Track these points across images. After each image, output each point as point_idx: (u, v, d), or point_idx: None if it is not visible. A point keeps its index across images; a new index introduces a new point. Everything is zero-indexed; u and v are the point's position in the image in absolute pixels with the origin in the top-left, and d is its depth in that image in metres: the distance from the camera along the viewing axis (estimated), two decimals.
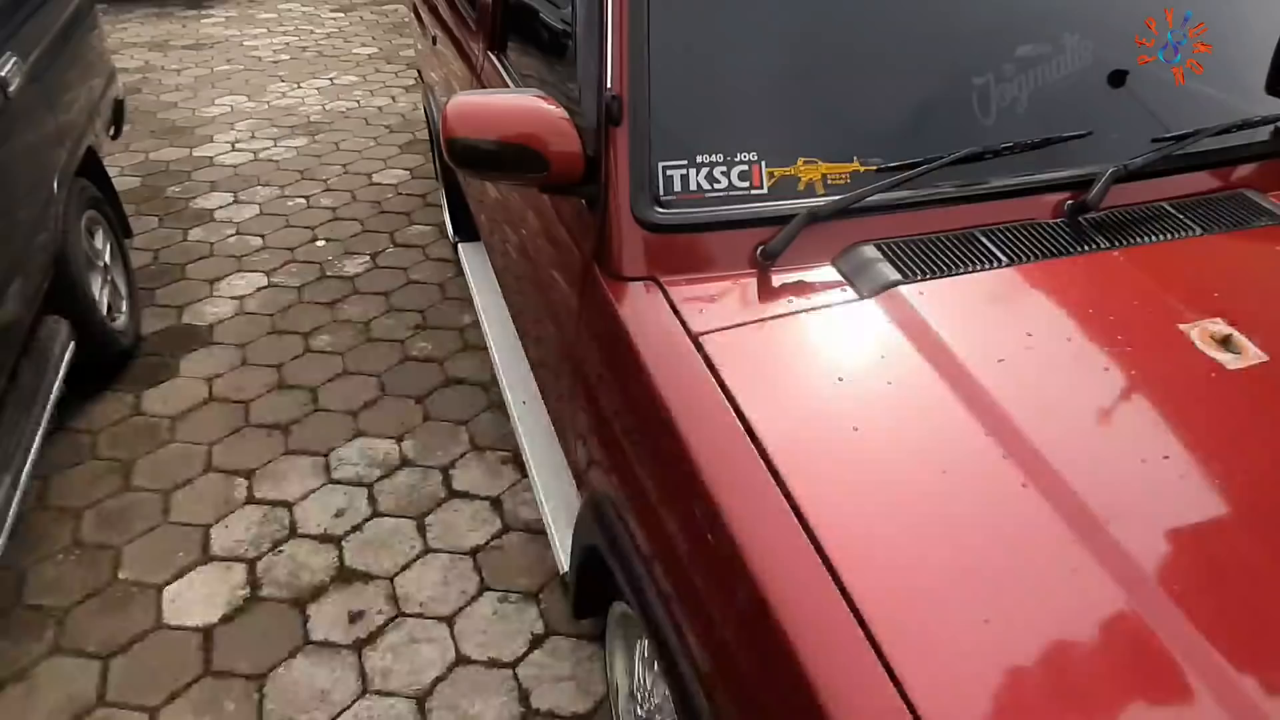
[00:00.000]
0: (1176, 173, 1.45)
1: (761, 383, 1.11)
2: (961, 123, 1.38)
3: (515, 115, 1.30)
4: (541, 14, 1.78)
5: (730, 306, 1.22)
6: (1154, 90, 1.51)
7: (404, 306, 3.15)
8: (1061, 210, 1.37)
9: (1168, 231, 1.36)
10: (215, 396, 2.67)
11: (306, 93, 5.26)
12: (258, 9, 7.05)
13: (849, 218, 1.29)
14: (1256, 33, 1.63)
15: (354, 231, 3.67)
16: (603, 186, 1.28)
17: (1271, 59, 1.62)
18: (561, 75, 1.56)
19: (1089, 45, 1.44)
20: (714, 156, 1.27)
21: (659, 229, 1.26)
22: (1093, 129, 1.41)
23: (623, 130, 1.26)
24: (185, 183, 4.08)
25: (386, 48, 6.16)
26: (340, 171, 4.23)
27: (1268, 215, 1.42)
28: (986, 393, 1.07)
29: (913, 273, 1.24)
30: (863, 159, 1.32)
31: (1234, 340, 1.15)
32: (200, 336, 2.96)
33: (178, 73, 5.56)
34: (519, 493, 2.33)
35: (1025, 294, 1.25)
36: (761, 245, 1.27)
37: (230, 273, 3.34)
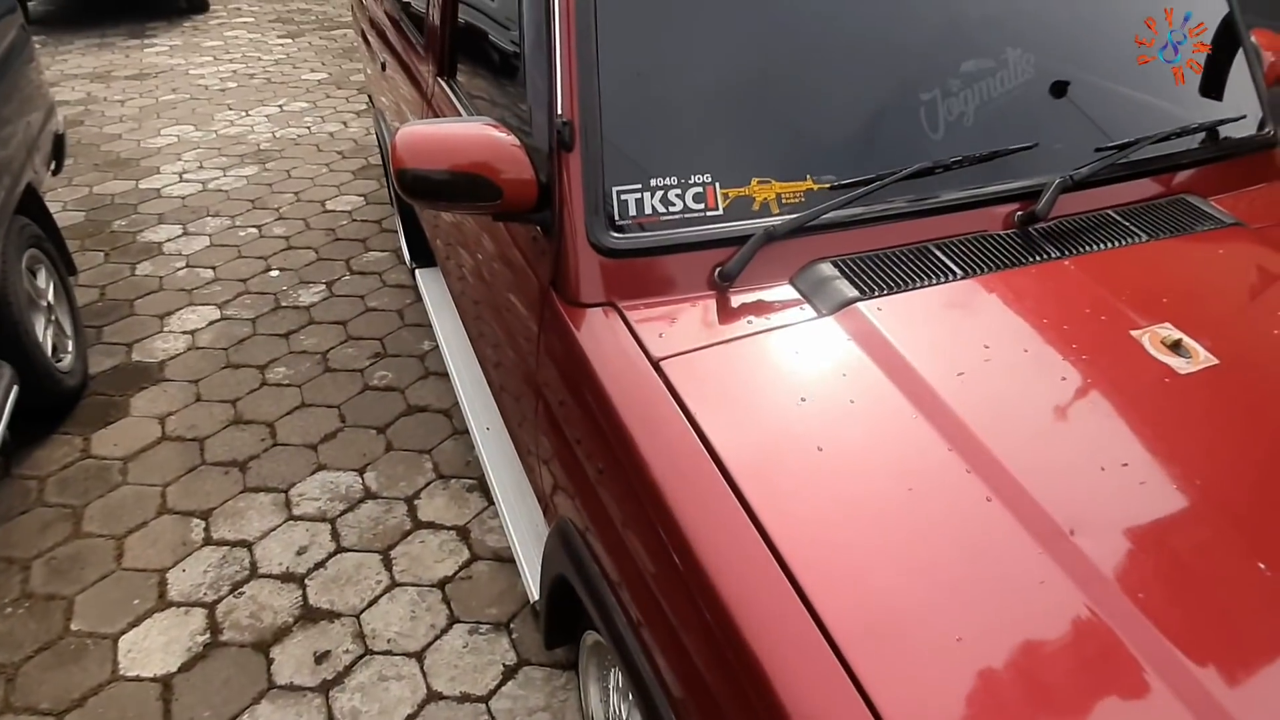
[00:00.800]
0: (1121, 180, 1.48)
1: (724, 406, 1.10)
2: (911, 138, 1.39)
3: (466, 144, 1.28)
4: (491, 39, 1.77)
5: (690, 330, 1.21)
6: (1095, 100, 1.55)
7: (362, 335, 3.10)
8: (1012, 221, 1.39)
9: (1115, 239, 1.39)
10: (168, 435, 2.60)
11: (255, 120, 5.18)
12: (203, 37, 6.95)
13: (805, 235, 1.29)
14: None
15: (308, 260, 3.61)
16: (557, 213, 1.27)
17: (1204, 63, 1.68)
18: (513, 100, 1.54)
19: (1030, 59, 1.47)
20: (668, 179, 1.27)
21: (615, 254, 1.25)
22: (1038, 140, 1.44)
23: (575, 156, 1.25)
24: (131, 216, 3.99)
25: (336, 73, 6.10)
26: (292, 199, 4.17)
27: (1209, 219, 1.45)
28: (948, 407, 1.07)
29: (870, 289, 1.25)
30: (816, 177, 1.32)
31: (1184, 345, 1.17)
32: (151, 374, 2.88)
33: (121, 104, 5.44)
34: (486, 520, 2.29)
35: (981, 306, 1.26)
36: (719, 266, 1.26)
37: (181, 307, 3.27)
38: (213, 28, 7.25)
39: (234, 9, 7.89)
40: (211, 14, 7.69)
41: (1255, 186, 1.60)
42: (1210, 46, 1.68)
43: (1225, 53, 1.68)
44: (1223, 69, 1.68)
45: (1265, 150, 1.63)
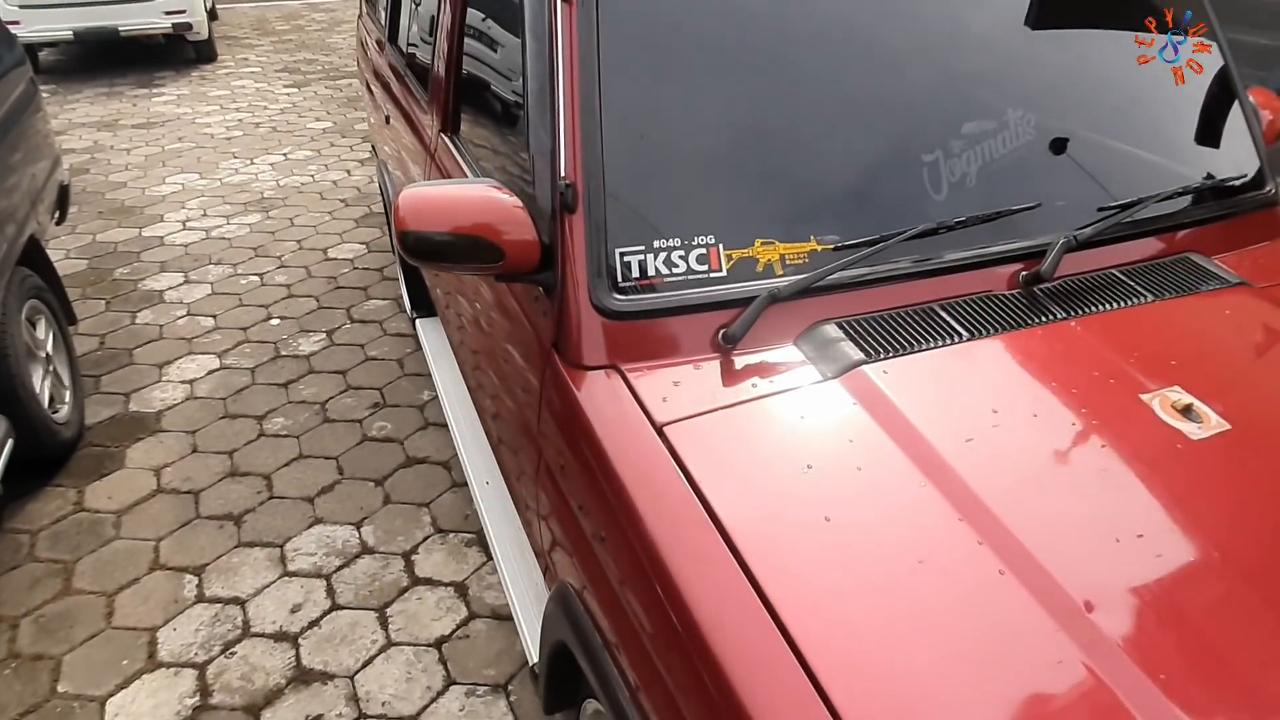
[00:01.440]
0: (1124, 240, 1.48)
1: (728, 474, 1.08)
2: (914, 199, 1.39)
3: (468, 206, 1.28)
4: (494, 97, 1.78)
5: (694, 393, 1.19)
6: (1096, 160, 1.55)
7: (362, 385, 3.08)
8: (1016, 281, 1.39)
9: (1120, 299, 1.38)
10: (163, 488, 2.56)
11: (260, 169, 5.23)
12: (210, 86, 7.06)
13: (809, 296, 1.28)
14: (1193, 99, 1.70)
15: (309, 309, 3.61)
16: (560, 275, 1.27)
17: (1202, 117, 1.69)
18: (516, 159, 1.55)
19: (1030, 119, 1.48)
20: (671, 241, 1.27)
21: (618, 316, 1.24)
22: (1040, 200, 1.44)
23: (578, 217, 1.25)
24: (134, 264, 4.00)
25: (341, 121, 6.18)
26: (295, 247, 4.18)
27: (1214, 279, 1.45)
28: (957, 476, 1.05)
29: (875, 351, 1.23)
30: (819, 238, 1.32)
31: (1195, 409, 1.15)
32: (148, 424, 2.86)
33: (127, 152, 5.50)
34: (484, 576, 2.25)
35: (988, 369, 1.25)
36: (723, 328, 1.25)
37: (180, 356, 3.26)
38: (220, 77, 7.36)
39: (241, 59, 8.03)
40: (219, 63, 7.83)
41: (1259, 245, 1.59)
42: (1207, 100, 1.70)
43: (1222, 106, 1.70)
44: (1220, 123, 1.69)
45: (1267, 208, 1.63)
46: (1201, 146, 1.64)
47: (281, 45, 8.69)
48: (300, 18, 10.26)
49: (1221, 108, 1.67)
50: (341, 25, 9.71)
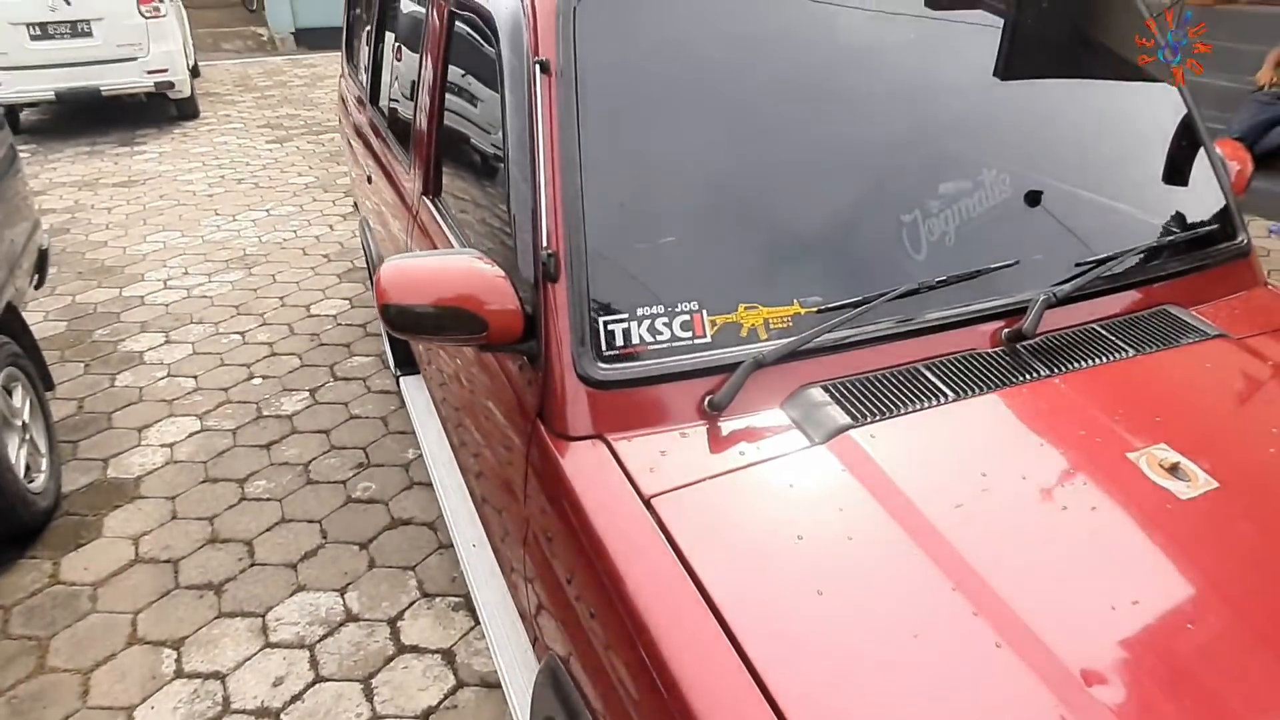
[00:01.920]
0: (1103, 294, 1.49)
1: (718, 548, 1.06)
2: (895, 259, 1.40)
3: (450, 278, 1.28)
4: (476, 162, 1.79)
5: (681, 463, 1.18)
6: (1072, 215, 1.57)
7: (345, 444, 3.05)
8: (999, 339, 1.39)
9: (1102, 354, 1.38)
10: (141, 557, 2.51)
11: (242, 225, 5.23)
12: (192, 143, 7.09)
13: (794, 360, 1.28)
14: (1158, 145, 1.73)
15: (292, 367, 3.58)
16: (543, 344, 1.26)
17: (1169, 165, 1.72)
18: (498, 224, 1.55)
19: (1005, 178, 1.50)
20: (654, 308, 1.26)
21: (603, 386, 1.23)
22: (1019, 257, 1.45)
23: (561, 287, 1.25)
24: (114, 325, 3.97)
25: (323, 176, 6.21)
26: (277, 304, 4.17)
27: (1193, 331, 1.46)
28: (949, 544, 1.04)
29: (862, 415, 1.23)
30: (802, 301, 1.32)
31: (1182, 468, 1.15)
32: (126, 491, 2.80)
33: (108, 211, 5.49)
34: (472, 642, 2.21)
35: (975, 430, 1.25)
36: (709, 395, 1.25)
37: (160, 419, 3.21)
38: (203, 134, 7.40)
39: (224, 116, 8.08)
40: (202, 120, 7.86)
41: (1234, 295, 1.61)
42: (1176, 153, 1.73)
43: (1191, 158, 1.72)
44: (1191, 175, 1.72)
45: (1240, 258, 1.65)
46: (1173, 199, 1.67)
47: (264, 101, 8.75)
48: (283, 74, 10.36)
49: (1190, 160, 1.71)
50: (324, 80, 9.81)
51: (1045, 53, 1.75)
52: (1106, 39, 1.81)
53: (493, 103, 1.56)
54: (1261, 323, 1.54)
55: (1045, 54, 1.74)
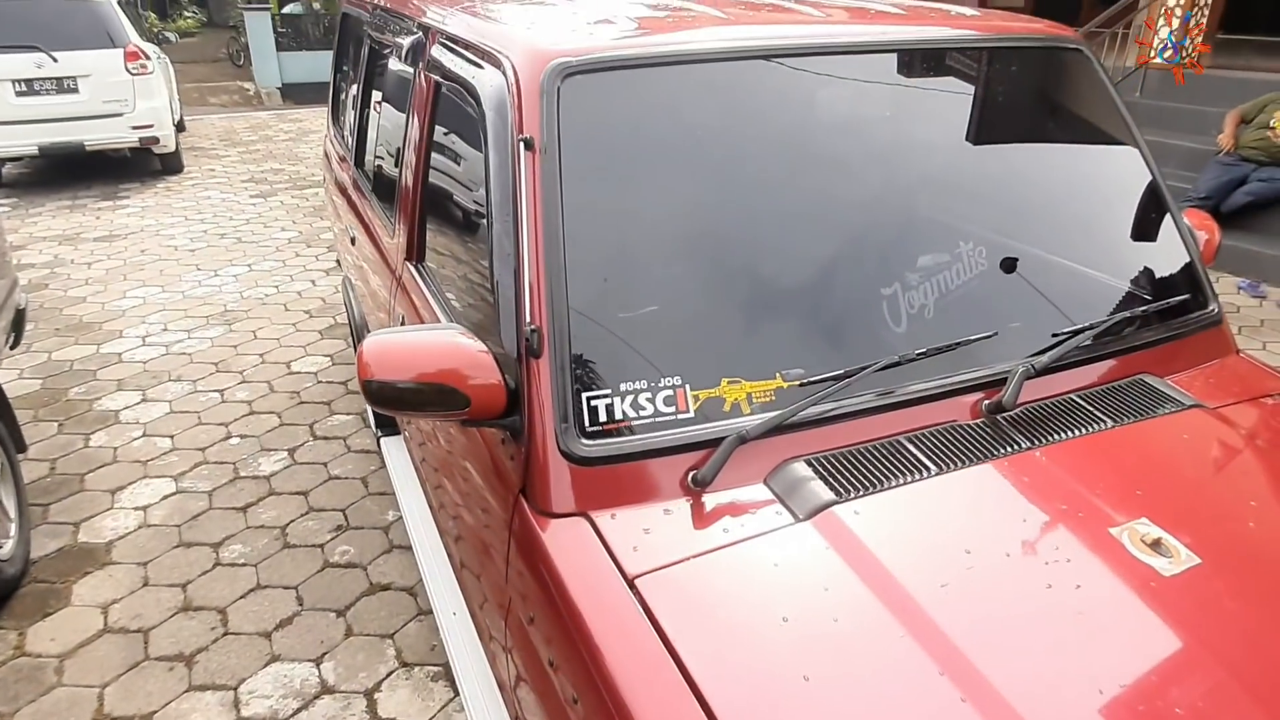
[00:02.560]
0: (1080, 364, 1.51)
1: (702, 630, 1.05)
2: (876, 332, 1.42)
3: (433, 353, 1.27)
4: (461, 232, 1.81)
5: (664, 541, 1.17)
6: (1047, 285, 1.60)
7: (324, 506, 3.00)
8: (980, 410, 1.40)
9: (1081, 425, 1.39)
10: (111, 627, 2.44)
11: (224, 280, 5.22)
12: (175, 198, 7.10)
13: (777, 434, 1.28)
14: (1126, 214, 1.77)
15: (271, 426, 3.54)
16: (526, 420, 1.26)
17: (1140, 234, 1.76)
18: (481, 294, 1.55)
19: (981, 249, 1.53)
20: (638, 383, 1.27)
21: (586, 462, 1.22)
22: (997, 328, 1.47)
23: (544, 362, 1.25)
24: (90, 382, 3.92)
25: (307, 231, 6.22)
26: (257, 361, 4.14)
27: (1170, 401, 1.48)
28: (935, 626, 1.03)
29: (846, 490, 1.23)
30: (785, 374, 1.33)
31: (1164, 544, 1.16)
32: (97, 556, 2.74)
33: (88, 266, 5.46)
34: (451, 714, 2.15)
35: (958, 506, 1.25)
36: (692, 470, 1.24)
37: (134, 480, 3.15)
38: (186, 188, 7.42)
39: (208, 170, 8.12)
40: (186, 175, 7.90)
41: (1209, 363, 1.64)
42: (1145, 224, 1.77)
43: (1160, 229, 1.76)
44: (1161, 246, 1.75)
45: (1213, 327, 1.68)
46: (1145, 270, 1.70)
47: (249, 155, 8.82)
48: (268, 128, 10.46)
49: (1161, 230, 1.75)
50: (309, 135, 9.91)
51: (1016, 127, 1.80)
52: (1075, 111, 1.86)
53: (477, 173, 1.57)
54: (1236, 392, 1.56)
55: (1016, 128, 1.79)
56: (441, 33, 1.86)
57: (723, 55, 1.49)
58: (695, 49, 1.48)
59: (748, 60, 1.50)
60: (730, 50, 1.50)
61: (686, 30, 1.55)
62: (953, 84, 1.70)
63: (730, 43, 1.52)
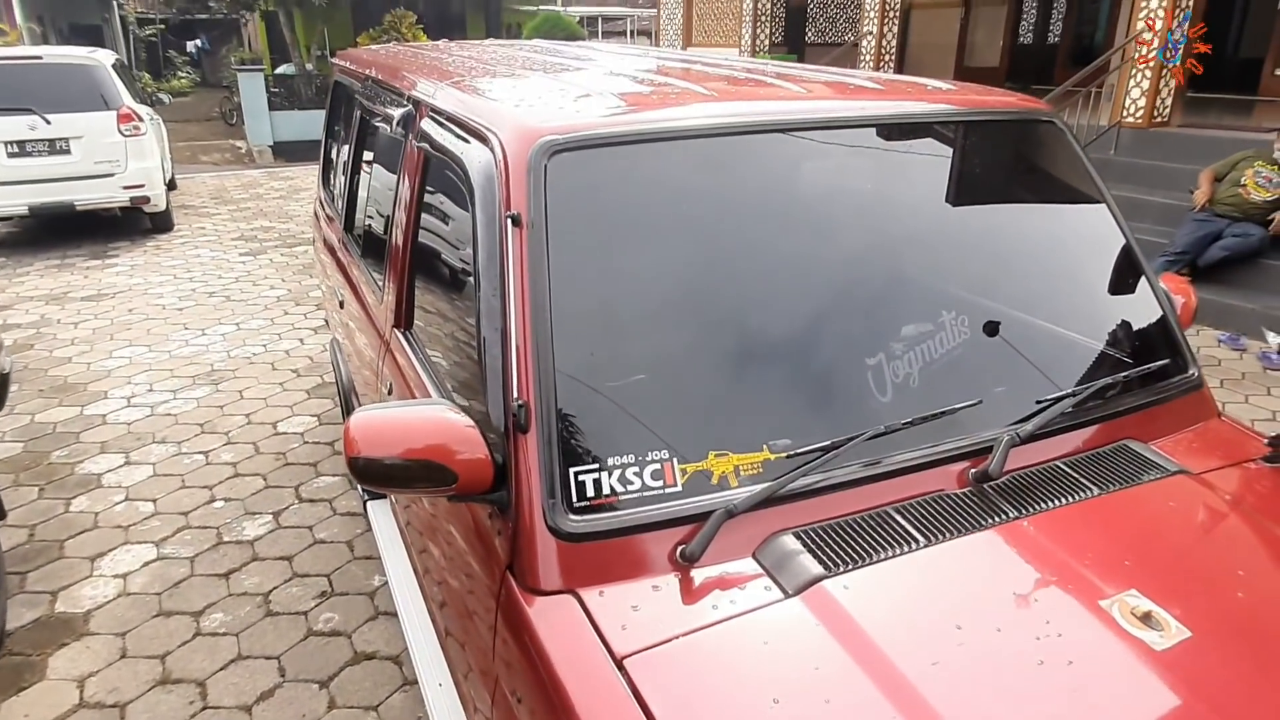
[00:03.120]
0: (1065, 431, 1.52)
1: (692, 713, 1.03)
2: (862, 402, 1.42)
3: (420, 429, 1.27)
4: (449, 303, 1.82)
5: (653, 619, 1.16)
6: (1030, 352, 1.62)
7: (308, 571, 2.95)
8: (967, 479, 1.41)
9: (1068, 493, 1.40)
10: (86, 702, 2.37)
11: (211, 340, 5.21)
12: (164, 256, 7.12)
13: (766, 507, 1.28)
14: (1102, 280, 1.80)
15: (256, 488, 3.51)
16: (513, 496, 1.25)
17: (1118, 301, 1.79)
18: (468, 365, 1.56)
19: (964, 318, 1.55)
20: (625, 457, 1.27)
21: (574, 538, 1.22)
22: (982, 394, 1.48)
23: (531, 438, 1.25)
24: (73, 445, 3.88)
25: (296, 289, 6.24)
26: (243, 422, 4.11)
27: (1154, 468, 1.49)
28: (928, 705, 1.02)
29: (835, 564, 1.22)
30: (772, 446, 1.33)
31: (1155, 616, 1.15)
32: (75, 627, 2.68)
33: (75, 326, 5.45)
34: None
35: (948, 579, 1.24)
36: (681, 545, 1.24)
37: (115, 546, 3.10)
38: (176, 246, 7.45)
39: (198, 228, 8.17)
40: (176, 233, 7.94)
41: (1191, 427, 1.66)
42: (1123, 290, 1.79)
43: (1137, 295, 1.78)
44: (1139, 311, 1.77)
45: (1194, 391, 1.70)
46: (1124, 335, 1.72)
47: (239, 213, 8.88)
48: (259, 186, 10.56)
49: (1140, 296, 1.77)
50: (300, 193, 10.01)
51: (994, 198, 1.84)
52: (1050, 181, 1.91)
53: (465, 245, 1.59)
54: (1219, 457, 1.57)
55: (994, 199, 1.84)
56: (431, 106, 1.90)
57: (706, 132, 1.53)
58: (680, 125, 1.52)
59: (731, 136, 1.54)
60: (714, 127, 1.54)
61: (671, 107, 1.59)
62: (932, 157, 1.75)
63: (714, 119, 1.55)
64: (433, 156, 1.88)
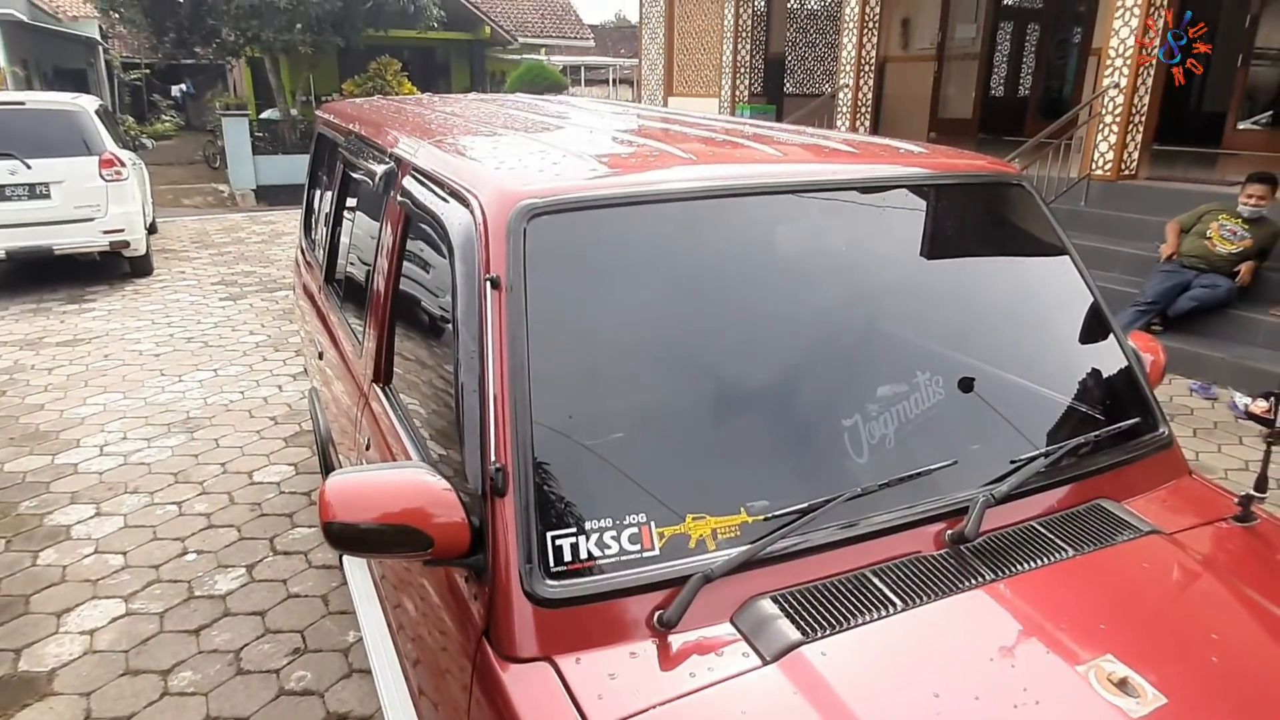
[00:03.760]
0: (1039, 491, 1.53)
1: None
2: (839, 463, 1.43)
3: (396, 493, 1.27)
4: (428, 361, 1.82)
5: (630, 687, 1.15)
6: (1004, 412, 1.64)
7: (281, 627, 2.89)
8: (943, 540, 1.41)
9: (1043, 555, 1.41)
10: None
11: (188, 386, 5.16)
12: (143, 301, 7.08)
13: (743, 570, 1.28)
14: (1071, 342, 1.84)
15: (230, 540, 3.45)
16: (490, 560, 1.24)
17: (1088, 360, 1.82)
18: (446, 424, 1.56)
19: (938, 379, 1.57)
20: (603, 521, 1.26)
21: (551, 604, 1.21)
22: (957, 454, 1.50)
23: (509, 502, 1.25)
24: (42, 495, 3.81)
25: (275, 334, 6.21)
26: (219, 471, 4.05)
27: (1128, 528, 1.50)
28: None
29: (813, 629, 1.22)
30: (749, 509, 1.33)
31: (1131, 683, 1.15)
32: (38, 687, 2.60)
33: (49, 372, 5.38)
34: None
35: (925, 644, 1.24)
36: (658, 610, 1.23)
37: (82, 601, 3.03)
38: (155, 291, 7.41)
39: (178, 272, 8.13)
40: (155, 277, 7.90)
41: (1163, 486, 1.67)
42: (1091, 349, 1.82)
43: (1106, 354, 1.81)
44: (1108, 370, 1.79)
45: (1165, 449, 1.72)
46: (1094, 394, 1.75)
47: (220, 258, 8.86)
48: (241, 230, 10.56)
49: (1107, 356, 1.80)
50: (282, 237, 10.01)
51: (966, 260, 1.88)
52: (1019, 242, 1.95)
53: (446, 303, 1.60)
54: (1191, 516, 1.59)
55: (966, 261, 1.88)
56: (413, 165, 1.92)
57: (683, 195, 1.55)
58: (657, 189, 1.54)
59: (708, 200, 1.57)
60: (690, 190, 1.56)
61: (648, 170, 1.62)
62: (905, 220, 1.78)
63: (690, 183, 1.58)
64: (414, 214, 1.90)
